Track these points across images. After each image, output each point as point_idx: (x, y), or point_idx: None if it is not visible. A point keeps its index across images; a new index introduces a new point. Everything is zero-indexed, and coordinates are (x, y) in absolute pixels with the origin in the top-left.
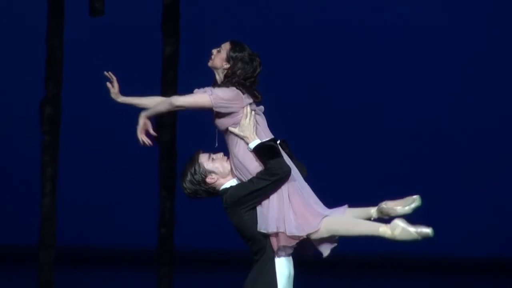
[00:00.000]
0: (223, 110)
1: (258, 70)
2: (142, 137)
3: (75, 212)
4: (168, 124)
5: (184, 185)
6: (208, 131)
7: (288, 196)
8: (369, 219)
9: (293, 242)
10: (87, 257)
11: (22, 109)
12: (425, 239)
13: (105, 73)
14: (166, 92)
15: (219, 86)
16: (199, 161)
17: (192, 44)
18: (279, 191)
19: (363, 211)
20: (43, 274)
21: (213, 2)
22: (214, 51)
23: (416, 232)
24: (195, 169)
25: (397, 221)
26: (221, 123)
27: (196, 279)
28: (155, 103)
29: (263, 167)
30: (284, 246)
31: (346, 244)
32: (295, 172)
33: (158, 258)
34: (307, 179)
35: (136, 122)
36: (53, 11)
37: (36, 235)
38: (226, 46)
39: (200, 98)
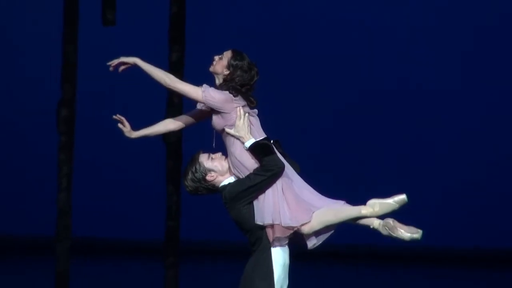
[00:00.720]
0: (212, 107)
1: (255, 78)
2: (116, 61)
3: (89, 207)
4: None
5: (186, 183)
6: (210, 134)
7: (282, 190)
8: (367, 223)
9: (288, 233)
10: (100, 248)
11: (40, 111)
12: (403, 206)
13: (114, 116)
14: (172, 93)
15: (217, 87)
16: (199, 160)
17: (196, 50)
18: (274, 186)
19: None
20: (60, 264)
21: (216, 11)
22: (216, 57)
23: (394, 201)
24: (195, 168)
25: (372, 200)
26: (217, 124)
27: (200, 268)
28: (164, 126)
29: (259, 164)
30: (279, 237)
31: (349, 236)
32: (289, 169)
33: (166, 249)
34: (302, 175)
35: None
36: (68, 20)
37: (53, 228)
38: (227, 54)
39: (194, 91)
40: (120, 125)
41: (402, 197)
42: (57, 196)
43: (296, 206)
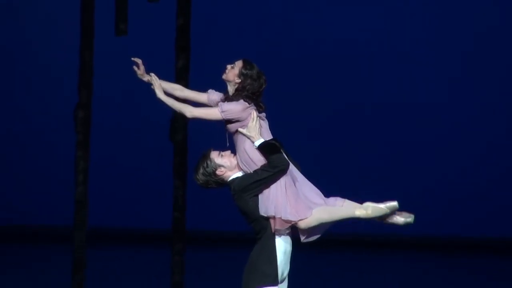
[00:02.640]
0: (233, 119)
1: (264, 86)
2: (147, 77)
3: (103, 199)
4: (181, 127)
5: (198, 177)
6: (214, 132)
7: (285, 187)
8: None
9: (286, 226)
10: (113, 237)
11: (60, 113)
12: (393, 210)
13: (133, 58)
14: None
15: (231, 98)
16: (210, 156)
17: (200, 58)
18: (278, 182)
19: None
20: (77, 252)
21: (218, 23)
22: (229, 66)
23: (386, 207)
24: (207, 163)
25: (367, 203)
26: (231, 127)
27: (205, 255)
28: (172, 88)
29: (266, 161)
30: (279, 229)
31: (355, 224)
32: (292, 168)
33: (173, 237)
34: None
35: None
36: (85, 31)
37: (71, 219)
38: (239, 64)
39: (212, 112)
40: (135, 67)
41: (394, 203)
42: (75, 190)
43: (295, 203)
